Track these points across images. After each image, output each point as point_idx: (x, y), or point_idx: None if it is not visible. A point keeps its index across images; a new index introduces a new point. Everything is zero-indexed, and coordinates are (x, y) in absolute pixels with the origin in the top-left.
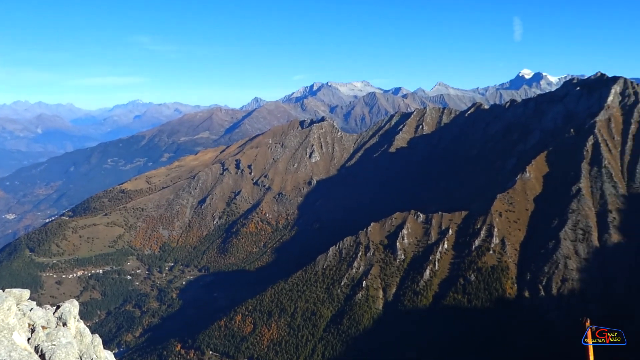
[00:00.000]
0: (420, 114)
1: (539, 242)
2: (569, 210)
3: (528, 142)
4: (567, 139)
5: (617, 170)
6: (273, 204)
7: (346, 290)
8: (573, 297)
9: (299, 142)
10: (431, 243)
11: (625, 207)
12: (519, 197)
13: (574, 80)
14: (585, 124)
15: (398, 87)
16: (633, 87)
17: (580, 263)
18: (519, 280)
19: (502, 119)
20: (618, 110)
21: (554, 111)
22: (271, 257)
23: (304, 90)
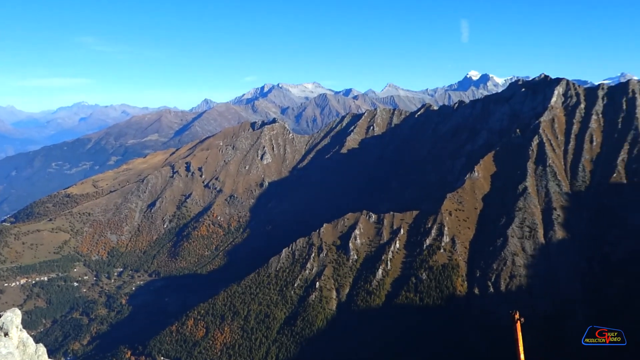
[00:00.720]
0: (371, 115)
1: (488, 240)
2: (515, 209)
3: (476, 142)
4: (514, 139)
5: (561, 169)
6: (225, 207)
7: (299, 291)
8: (520, 293)
9: (250, 144)
10: (383, 243)
11: (568, 204)
12: (468, 196)
13: (519, 82)
14: (530, 124)
15: (349, 89)
16: (575, 89)
17: (527, 259)
18: (469, 277)
19: (451, 120)
20: (561, 110)
21: (500, 112)
22: (223, 260)
23: (254, 91)
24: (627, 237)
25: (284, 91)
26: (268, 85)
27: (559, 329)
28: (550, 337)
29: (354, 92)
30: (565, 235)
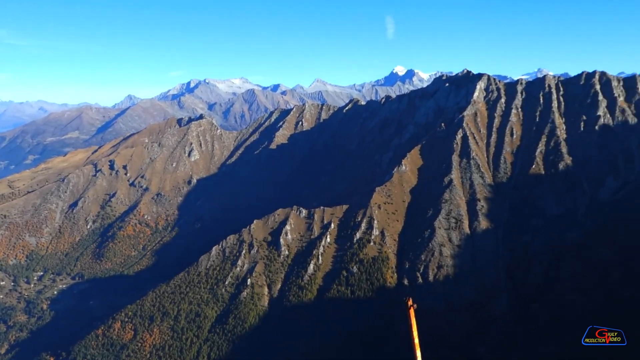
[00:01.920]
0: (300, 110)
1: (416, 232)
2: (442, 200)
3: (403, 136)
4: (439, 133)
5: (484, 161)
6: (152, 205)
7: (231, 289)
8: (448, 282)
9: (177, 141)
10: (314, 237)
11: (491, 195)
12: (396, 190)
13: (443, 77)
14: (454, 118)
15: (277, 84)
16: (496, 84)
17: (454, 250)
18: (399, 269)
19: (379, 114)
20: (483, 105)
21: (426, 106)
22: (151, 260)
23: (180, 87)
24: (545, 226)
25: (211, 87)
26: (194, 81)
27: (484, 316)
28: (476, 323)
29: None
30: (488, 226)
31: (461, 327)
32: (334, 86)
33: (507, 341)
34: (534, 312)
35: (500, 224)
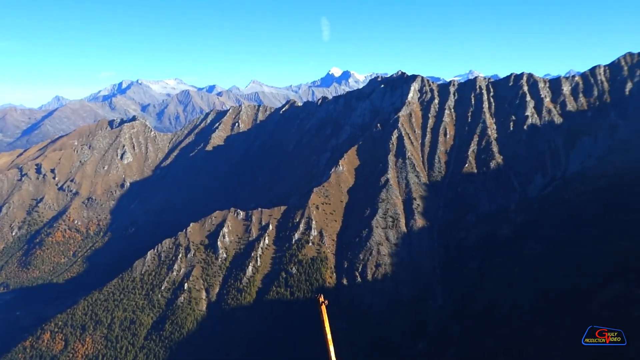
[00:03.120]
0: (236, 111)
1: (354, 232)
2: (379, 200)
3: (340, 137)
4: (375, 133)
5: (419, 161)
6: (82, 210)
7: (167, 294)
8: (386, 280)
9: (108, 143)
10: (252, 239)
11: (427, 194)
12: (334, 190)
13: (379, 78)
14: (390, 119)
15: (212, 85)
16: (429, 85)
17: (391, 248)
18: (338, 269)
19: (316, 115)
20: (417, 105)
21: (362, 107)
22: (82, 266)
23: (112, 88)
24: (478, 223)
25: (144, 87)
26: (126, 82)
27: (421, 312)
28: (414, 320)
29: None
30: (424, 224)
31: (400, 323)
32: (270, 87)
33: (444, 336)
34: (469, 307)
35: (436, 222)
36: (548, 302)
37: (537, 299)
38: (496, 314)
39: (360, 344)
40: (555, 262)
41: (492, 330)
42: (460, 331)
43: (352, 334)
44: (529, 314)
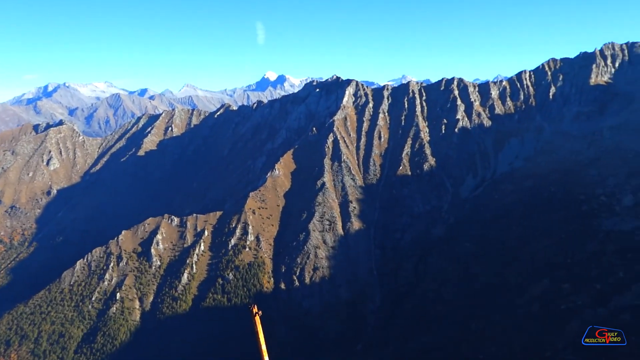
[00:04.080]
0: (169, 115)
1: (291, 235)
2: (316, 203)
3: (276, 141)
4: (311, 137)
5: (355, 164)
6: (5, 219)
7: (99, 305)
8: (324, 283)
9: (33, 149)
10: (187, 246)
11: (362, 196)
12: (270, 194)
13: (314, 83)
14: (325, 123)
15: (144, 89)
16: (364, 89)
17: (329, 251)
18: (275, 273)
19: (251, 120)
20: (352, 109)
21: (297, 111)
22: (6, 279)
23: (37, 91)
24: (413, 224)
25: (71, 91)
26: (53, 84)
27: (359, 313)
28: (352, 322)
29: (149, 92)
30: (361, 226)
31: (338, 326)
32: (204, 91)
33: (381, 336)
34: (405, 306)
35: (372, 224)
36: (481, 298)
37: (471, 296)
38: (432, 311)
39: (299, 348)
40: (486, 259)
41: (428, 328)
42: (398, 330)
43: (291, 337)
44: (463, 310)
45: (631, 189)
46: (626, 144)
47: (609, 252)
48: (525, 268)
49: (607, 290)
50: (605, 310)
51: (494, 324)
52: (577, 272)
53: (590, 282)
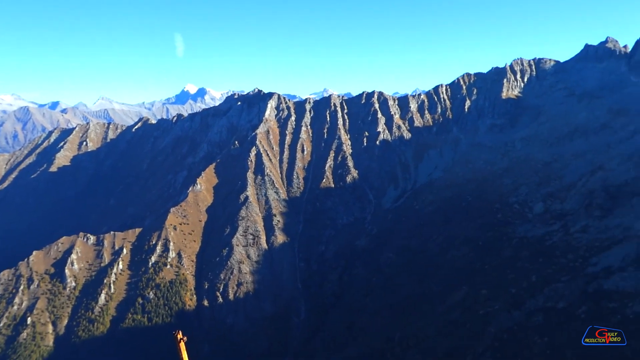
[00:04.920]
0: (84, 129)
1: (214, 251)
2: (239, 218)
3: (197, 155)
4: (233, 151)
5: (278, 177)
6: None
7: (7, 331)
8: (248, 299)
9: None
10: (105, 265)
11: (286, 210)
12: (192, 209)
13: (236, 96)
14: (248, 136)
15: (56, 102)
16: (286, 102)
17: (253, 266)
18: (198, 290)
19: (171, 133)
20: (275, 123)
21: (219, 124)
22: None
23: None
24: (337, 236)
25: None
26: None
27: (285, 327)
28: (277, 336)
29: (61, 105)
30: (285, 239)
31: (264, 341)
32: (121, 104)
33: (307, 349)
34: (331, 318)
35: (296, 237)
36: (404, 307)
37: (395, 305)
38: (357, 322)
39: None
40: (409, 269)
41: (353, 338)
42: (324, 342)
43: (215, 355)
44: (387, 319)
45: (541, 197)
46: (535, 155)
47: (522, 258)
48: (446, 276)
49: (522, 294)
50: (520, 313)
51: (417, 332)
52: (494, 278)
53: (506, 287)
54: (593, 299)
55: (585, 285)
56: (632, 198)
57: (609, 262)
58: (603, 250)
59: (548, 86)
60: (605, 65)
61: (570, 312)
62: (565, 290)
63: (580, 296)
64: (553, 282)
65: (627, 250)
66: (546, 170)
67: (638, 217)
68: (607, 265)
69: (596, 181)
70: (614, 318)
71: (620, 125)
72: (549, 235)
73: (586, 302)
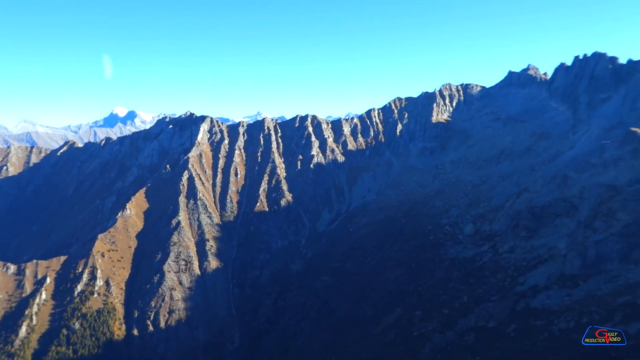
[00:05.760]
0: (4, 153)
1: (145, 278)
2: (170, 243)
3: (127, 179)
4: (164, 175)
5: (211, 202)
6: None
7: None
8: (180, 326)
9: None
10: (26, 296)
11: (220, 234)
12: (121, 235)
13: (167, 119)
14: (180, 160)
15: None
16: (219, 125)
17: (185, 292)
18: (127, 319)
19: (99, 157)
20: (208, 146)
21: (150, 148)
22: None
23: None
24: (272, 260)
25: None
26: None
27: (218, 355)
28: None
29: None
30: (219, 265)
31: None
32: (45, 127)
33: None
34: (265, 344)
35: (230, 262)
36: (339, 330)
37: (330, 329)
38: (291, 347)
39: None
40: (344, 292)
41: None
42: None
43: None
44: (323, 343)
45: (471, 219)
46: (465, 177)
47: (454, 278)
48: (380, 298)
49: (454, 314)
50: (453, 333)
51: (352, 355)
52: (427, 299)
53: (439, 308)
54: (521, 317)
55: (514, 304)
56: (555, 219)
57: (536, 280)
58: (530, 269)
59: (475, 111)
60: (527, 91)
61: (500, 331)
62: (495, 310)
63: (510, 315)
64: (483, 302)
65: (551, 269)
66: (475, 192)
67: (561, 236)
68: (534, 284)
69: (522, 202)
70: (542, 335)
71: (543, 148)
72: (479, 255)
73: (515, 321)
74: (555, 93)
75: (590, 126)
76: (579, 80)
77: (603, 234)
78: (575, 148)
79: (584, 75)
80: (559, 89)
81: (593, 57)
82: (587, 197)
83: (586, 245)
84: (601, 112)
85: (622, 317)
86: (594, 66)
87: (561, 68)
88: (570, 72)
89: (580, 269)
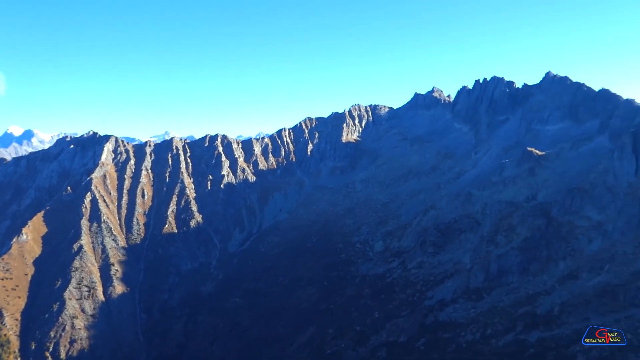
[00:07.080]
0: None
1: (43, 307)
2: (72, 269)
3: (23, 202)
4: (65, 197)
5: (116, 224)
6: None
7: None
8: (84, 357)
9: None
10: None
11: (126, 258)
12: (17, 262)
13: (68, 138)
14: (82, 181)
15: None
16: (124, 145)
17: (88, 320)
18: (23, 352)
19: None
20: (112, 167)
21: (49, 169)
22: None
23: None
24: (182, 283)
25: None
26: None
27: None
28: None
29: None
30: (125, 290)
31: None
32: None
33: None
34: None
35: (137, 286)
36: (252, 351)
37: (242, 350)
38: None
39: None
40: (256, 312)
41: None
42: None
43: None
44: None
45: (381, 236)
46: (374, 196)
47: (365, 295)
48: (293, 317)
49: (366, 330)
50: (365, 349)
51: None
52: (339, 317)
53: (351, 325)
54: (430, 330)
55: (423, 318)
56: (460, 234)
57: (443, 295)
58: (437, 284)
59: (384, 131)
60: (432, 113)
61: (411, 345)
62: (405, 324)
63: (420, 329)
64: (394, 317)
65: (457, 283)
66: (385, 210)
67: (466, 252)
68: (442, 298)
69: (429, 219)
70: (449, 347)
71: (448, 167)
72: (389, 272)
73: (424, 334)
74: (458, 115)
75: (491, 146)
76: (480, 103)
77: (504, 248)
78: (478, 167)
79: (484, 98)
80: (462, 110)
81: (492, 81)
82: (489, 213)
83: (489, 259)
84: (500, 132)
85: (523, 327)
86: (493, 90)
87: (463, 91)
88: (471, 95)
89: (484, 282)
